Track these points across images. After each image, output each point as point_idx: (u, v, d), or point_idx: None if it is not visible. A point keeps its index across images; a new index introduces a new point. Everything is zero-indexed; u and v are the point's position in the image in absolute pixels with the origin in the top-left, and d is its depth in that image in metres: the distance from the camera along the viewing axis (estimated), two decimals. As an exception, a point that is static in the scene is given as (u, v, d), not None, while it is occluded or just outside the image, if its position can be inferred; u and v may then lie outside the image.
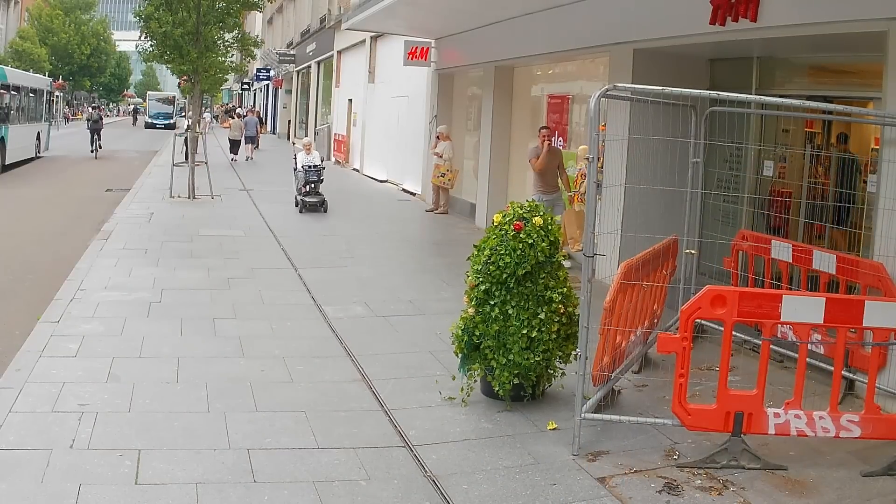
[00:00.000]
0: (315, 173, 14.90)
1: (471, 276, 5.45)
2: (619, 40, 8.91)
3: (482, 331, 5.29)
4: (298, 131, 37.50)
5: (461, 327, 5.42)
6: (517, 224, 5.28)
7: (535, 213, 5.39)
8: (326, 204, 14.88)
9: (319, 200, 14.84)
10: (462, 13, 13.17)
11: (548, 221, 5.41)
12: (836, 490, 4.40)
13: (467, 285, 5.48)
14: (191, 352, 6.31)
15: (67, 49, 60.68)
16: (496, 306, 5.29)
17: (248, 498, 4.06)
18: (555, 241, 5.39)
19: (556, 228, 5.47)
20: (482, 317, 5.32)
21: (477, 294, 5.36)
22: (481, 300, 5.34)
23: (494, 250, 5.30)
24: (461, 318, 5.48)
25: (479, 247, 5.47)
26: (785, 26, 6.57)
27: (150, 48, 16.33)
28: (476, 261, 5.43)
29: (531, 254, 5.23)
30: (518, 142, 13.46)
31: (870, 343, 5.10)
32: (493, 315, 5.28)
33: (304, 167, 14.93)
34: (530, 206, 5.47)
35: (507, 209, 5.50)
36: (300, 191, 14.95)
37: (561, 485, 4.36)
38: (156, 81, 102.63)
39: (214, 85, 25.62)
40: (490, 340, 5.29)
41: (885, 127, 5.73)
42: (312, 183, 14.83)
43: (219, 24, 16.64)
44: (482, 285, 5.34)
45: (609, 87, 4.96)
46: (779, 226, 7.69)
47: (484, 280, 5.34)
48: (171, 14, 15.69)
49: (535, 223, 5.31)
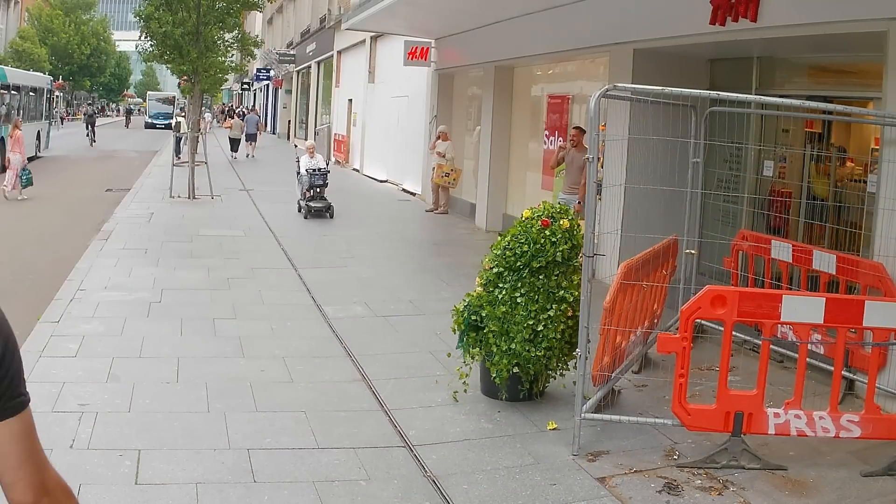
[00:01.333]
0: (320, 177, 14.27)
1: (488, 257, 5.51)
2: (619, 40, 8.90)
3: (488, 312, 5.32)
4: (298, 131, 37.51)
5: (465, 303, 5.47)
6: (545, 220, 5.36)
7: (563, 216, 5.46)
8: (332, 209, 14.18)
9: (325, 206, 14.17)
10: (462, 13, 13.17)
11: (574, 226, 5.46)
12: (836, 490, 4.40)
13: (483, 267, 5.53)
14: (191, 352, 6.31)
15: (67, 49, 60.63)
16: (505, 290, 5.33)
17: (248, 498, 4.06)
18: (577, 245, 5.42)
19: (581, 234, 5.47)
20: (489, 297, 5.35)
21: (488, 275, 5.41)
22: (491, 281, 5.39)
23: (515, 238, 5.37)
24: (466, 295, 5.54)
25: (503, 235, 5.55)
26: (785, 26, 6.56)
27: (150, 48, 16.33)
28: (497, 245, 5.50)
29: (551, 251, 5.29)
30: (518, 142, 13.47)
31: (870, 343, 5.10)
32: (501, 298, 5.31)
33: (307, 171, 14.31)
34: (561, 209, 5.56)
35: (537, 206, 5.57)
36: (304, 195, 14.34)
37: (561, 485, 4.36)
38: (156, 81, 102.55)
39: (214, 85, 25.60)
40: (494, 324, 5.30)
41: (885, 127, 5.73)
42: (318, 187, 14.21)
43: (219, 24, 16.64)
44: (495, 268, 5.40)
45: (609, 87, 4.96)
46: (779, 226, 7.69)
47: (498, 263, 5.39)
48: (171, 14, 15.69)
49: (562, 225, 5.38)
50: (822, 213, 7.09)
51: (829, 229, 6.98)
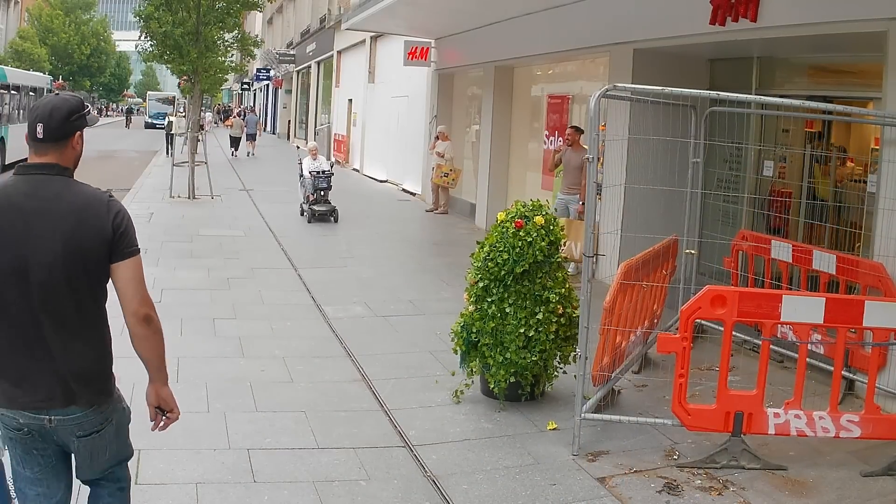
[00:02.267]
0: (324, 180, 13.77)
1: (471, 272, 5.47)
2: (619, 40, 8.91)
3: (479, 327, 5.30)
4: (298, 131, 37.51)
5: (460, 324, 5.44)
6: (518, 222, 5.30)
7: (537, 213, 5.40)
8: (337, 213, 13.68)
9: (329, 209, 13.67)
10: (462, 13, 13.17)
11: (549, 221, 5.41)
12: (836, 490, 4.40)
13: (468, 283, 5.50)
14: (191, 352, 6.30)
15: (67, 49, 60.65)
16: (493, 303, 5.30)
17: (248, 498, 4.06)
18: (555, 241, 5.39)
19: (558, 229, 5.47)
20: (480, 313, 5.33)
21: (476, 291, 5.38)
22: (480, 297, 5.36)
23: (494, 247, 5.32)
24: (461, 316, 5.49)
25: (481, 244, 5.49)
26: (785, 26, 6.56)
27: (150, 48, 16.33)
28: (476, 257, 5.45)
29: (529, 252, 5.24)
30: (518, 142, 13.47)
31: (870, 343, 5.10)
32: (490, 312, 5.29)
33: (311, 173, 13.84)
34: (533, 206, 5.47)
35: (510, 207, 5.52)
36: (307, 199, 13.87)
37: (561, 485, 4.36)
38: (156, 81, 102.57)
39: (214, 85, 25.66)
40: (487, 338, 5.29)
41: (885, 127, 5.73)
42: (322, 190, 13.74)
43: (219, 24, 16.64)
44: (481, 282, 5.36)
45: (609, 87, 4.96)
46: (779, 226, 7.69)
47: (483, 277, 5.36)
48: (171, 14, 15.69)
49: (537, 222, 5.31)
50: (822, 213, 7.09)
51: (829, 229, 6.98)
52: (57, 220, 2.53)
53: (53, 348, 2.58)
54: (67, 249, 2.53)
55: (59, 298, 2.56)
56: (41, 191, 2.56)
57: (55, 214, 2.53)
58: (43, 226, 2.52)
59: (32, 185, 2.58)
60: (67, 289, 2.56)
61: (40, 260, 2.51)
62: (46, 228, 2.52)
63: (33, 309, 2.54)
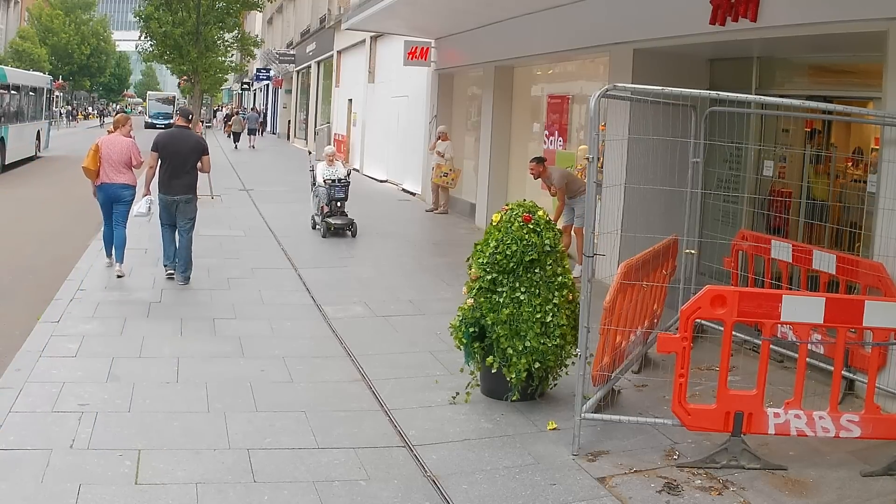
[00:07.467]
0: (341, 189, 12.11)
1: (474, 267, 5.48)
2: (619, 40, 8.91)
3: (492, 319, 5.30)
4: (298, 131, 37.51)
5: (459, 318, 5.45)
6: (526, 216, 5.40)
7: (537, 209, 5.55)
8: (356, 227, 12.07)
9: (347, 222, 12.01)
10: (462, 13, 13.17)
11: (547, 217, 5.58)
12: (836, 490, 4.40)
13: (469, 277, 5.50)
14: (191, 352, 6.31)
15: (67, 49, 60.62)
16: (505, 293, 5.32)
17: (248, 498, 4.06)
18: (558, 233, 5.53)
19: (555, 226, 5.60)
20: (490, 306, 5.33)
21: (482, 284, 5.39)
22: (488, 290, 5.37)
23: (501, 241, 5.37)
24: (459, 310, 5.51)
25: (480, 244, 5.51)
26: (785, 26, 6.56)
27: (150, 48, 16.38)
28: (481, 254, 5.47)
29: (538, 241, 5.32)
30: (518, 142, 13.47)
31: (870, 343, 5.10)
32: (503, 301, 5.30)
33: (326, 181, 12.28)
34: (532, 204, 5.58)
35: (504, 209, 5.58)
36: (321, 210, 12.30)
37: (561, 485, 4.36)
38: (156, 81, 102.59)
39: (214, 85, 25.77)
40: (502, 328, 5.28)
41: (884, 127, 5.73)
42: (338, 201, 12.15)
43: (219, 24, 16.71)
44: (488, 275, 5.38)
45: (609, 87, 4.95)
46: (779, 226, 7.69)
47: (491, 270, 5.37)
48: (171, 14, 15.74)
49: (542, 216, 5.48)
50: (822, 213, 7.09)
51: (829, 229, 6.98)
52: (188, 141, 8.68)
53: (181, 179, 8.55)
54: (190, 150, 8.63)
55: (186, 163, 8.57)
56: (183, 133, 8.73)
57: (188, 140, 8.68)
58: (184, 142, 8.62)
59: (180, 131, 8.78)
60: (189, 161, 8.58)
61: (182, 151, 8.58)
62: (185, 143, 8.60)
63: (179, 164, 8.53)
